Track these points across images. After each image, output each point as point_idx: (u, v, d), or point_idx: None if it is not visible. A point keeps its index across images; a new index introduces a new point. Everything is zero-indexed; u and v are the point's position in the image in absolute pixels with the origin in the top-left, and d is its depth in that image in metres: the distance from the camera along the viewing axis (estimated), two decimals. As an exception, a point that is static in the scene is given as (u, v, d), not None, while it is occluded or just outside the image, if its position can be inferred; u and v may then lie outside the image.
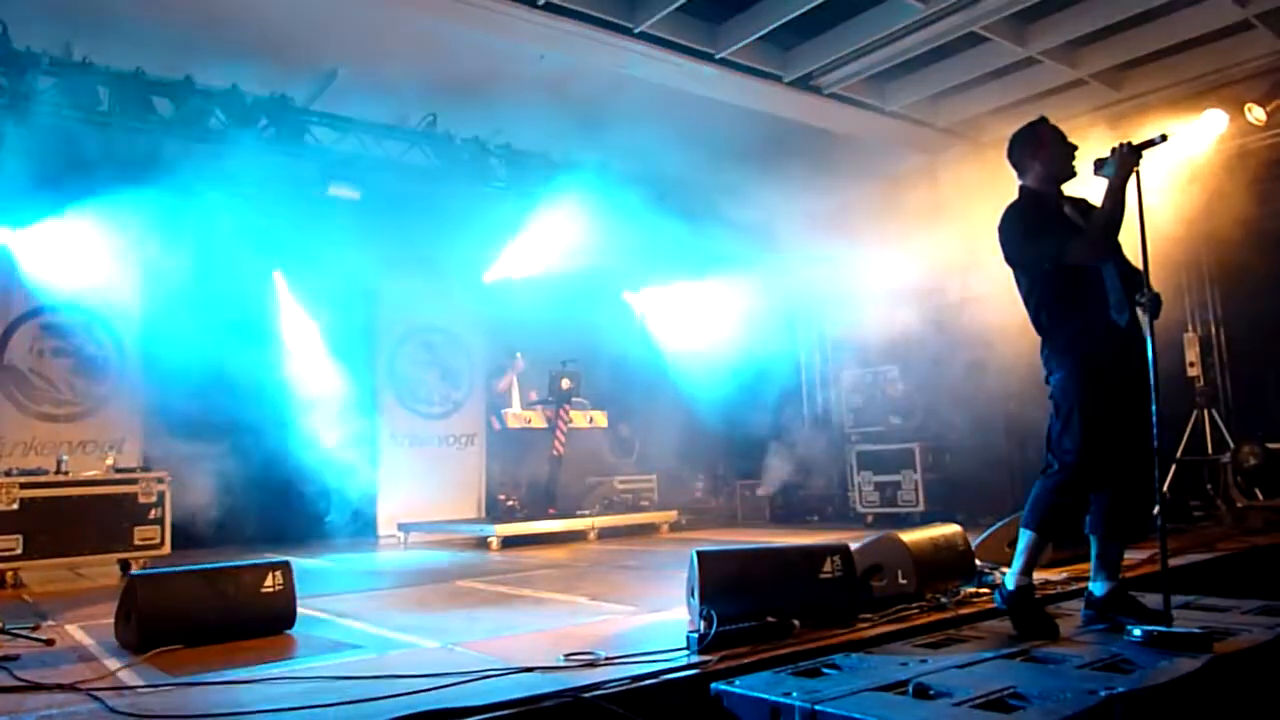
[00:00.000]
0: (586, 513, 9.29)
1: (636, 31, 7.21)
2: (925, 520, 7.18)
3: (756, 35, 7.44)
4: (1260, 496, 7.52)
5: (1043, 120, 3.86)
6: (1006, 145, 3.90)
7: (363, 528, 9.84)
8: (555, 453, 9.26)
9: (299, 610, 4.33)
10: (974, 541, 4.90)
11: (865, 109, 8.83)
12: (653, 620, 4.28)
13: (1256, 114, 8.00)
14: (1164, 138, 3.48)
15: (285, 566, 4.27)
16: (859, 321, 10.04)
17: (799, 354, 11.90)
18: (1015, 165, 3.88)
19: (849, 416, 10.30)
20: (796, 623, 3.58)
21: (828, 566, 3.76)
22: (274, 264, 9.70)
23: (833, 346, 11.59)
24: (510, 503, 9.19)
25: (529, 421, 9.32)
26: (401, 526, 9.28)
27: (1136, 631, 3.30)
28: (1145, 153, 3.45)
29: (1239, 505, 7.55)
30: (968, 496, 8.86)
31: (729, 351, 10.47)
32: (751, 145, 8.54)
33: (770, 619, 3.52)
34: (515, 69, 7.55)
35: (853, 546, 4.15)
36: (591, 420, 9.60)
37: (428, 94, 8.13)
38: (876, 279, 9.19)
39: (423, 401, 10.66)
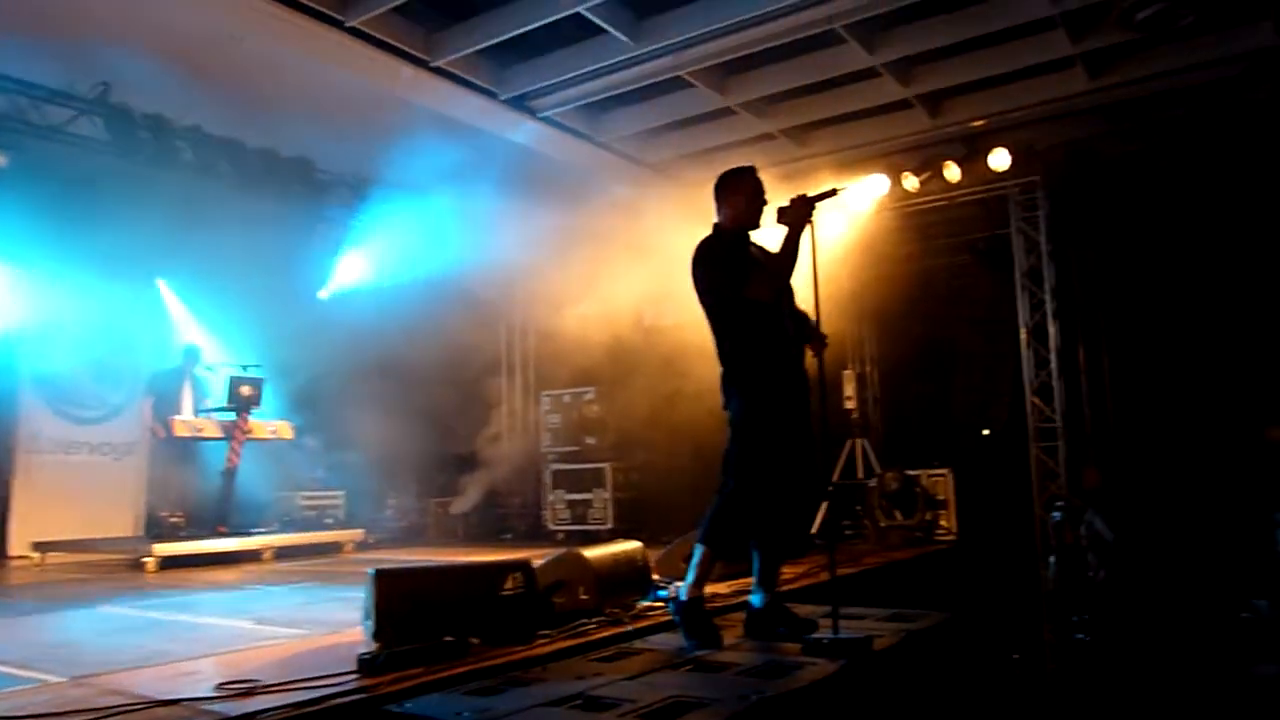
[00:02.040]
0: (261, 531, 8.64)
1: (347, 26, 6.90)
2: (613, 537, 7.41)
3: (473, 49, 7.40)
4: (899, 517, 8.51)
5: (751, 169, 4.15)
6: (715, 181, 4.16)
7: (-9, 547, 8.49)
8: (229, 465, 8.53)
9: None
10: (655, 557, 5.11)
11: (578, 137, 9.05)
12: (325, 644, 4.03)
13: (911, 182, 9.14)
14: (835, 191, 3.89)
15: None
16: (560, 343, 10.22)
17: (502, 372, 11.91)
18: (717, 201, 4.14)
19: (546, 436, 10.43)
20: (475, 641, 3.52)
21: (509, 584, 3.74)
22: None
23: (535, 366, 11.72)
24: (174, 520, 8.32)
25: (201, 430, 8.51)
26: (37, 545, 8.10)
27: (810, 638, 3.58)
28: (819, 204, 3.83)
29: (882, 525, 8.50)
30: (654, 515, 9.26)
31: (432, 366, 10.25)
32: (462, 158, 8.46)
33: (448, 638, 3.43)
34: (210, 48, 6.95)
35: (538, 563, 4.18)
36: (274, 431, 8.94)
37: (105, 62, 7.26)
38: (579, 303, 9.40)
39: (73, 404, 9.40)
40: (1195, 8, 6.70)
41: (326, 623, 4.61)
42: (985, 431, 11.58)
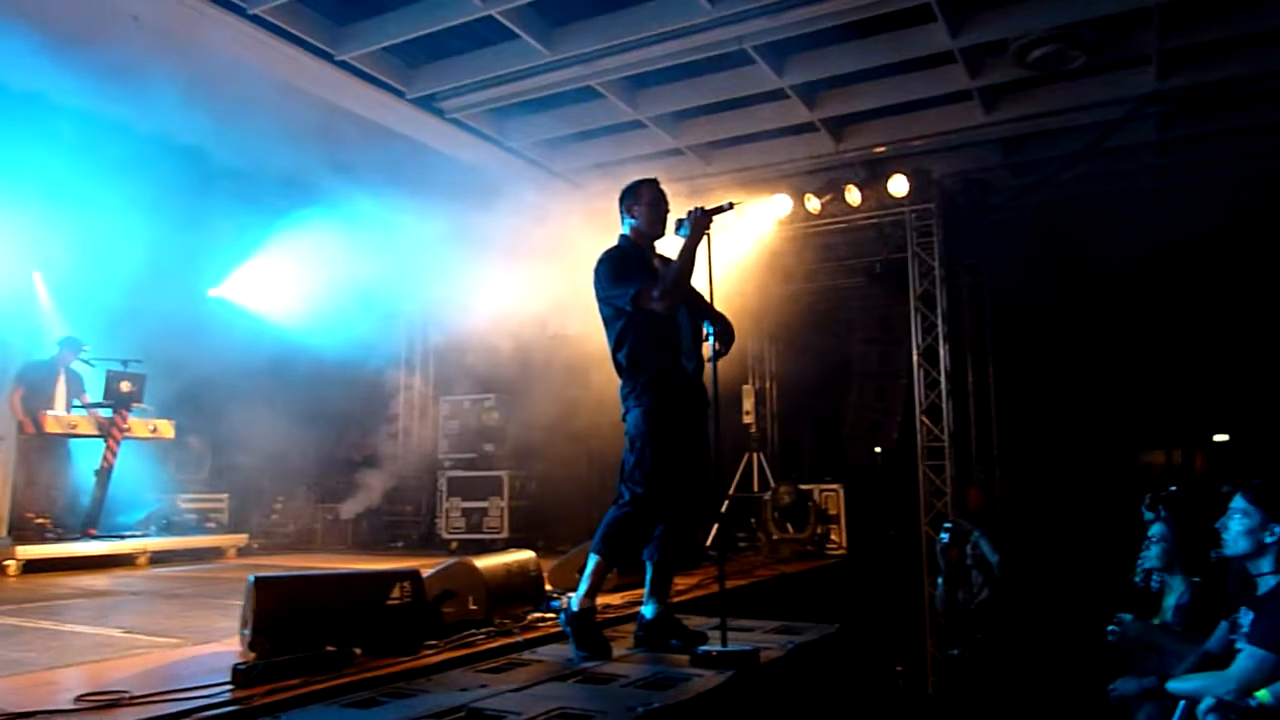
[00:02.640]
0: (136, 534, 8.24)
1: (250, 13, 6.67)
2: (508, 547, 7.33)
3: (380, 45, 7.25)
4: (791, 530, 8.66)
5: (654, 180, 4.20)
6: (620, 192, 4.19)
7: None
8: (105, 464, 8.11)
9: None
10: (549, 568, 5.08)
11: (486, 140, 8.95)
12: (199, 653, 3.88)
13: (814, 204, 9.34)
14: (731, 205, 3.96)
15: None
16: (463, 349, 10.09)
17: (400, 376, 11.68)
18: (621, 212, 4.17)
19: (444, 442, 10.26)
20: (358, 651, 3.43)
21: (396, 593, 3.66)
22: None
23: (435, 371, 11.52)
24: (40, 521, 7.86)
25: (74, 427, 8.07)
26: (-120, 547, 7.52)
27: (698, 651, 3.59)
28: (716, 218, 3.90)
29: (774, 538, 8.63)
30: (551, 524, 9.21)
31: (327, 368, 9.97)
32: (367, 155, 8.27)
33: (329, 648, 3.33)
34: (104, 28, 6.63)
35: (427, 572, 4.10)
36: (155, 430, 8.53)
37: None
38: (483, 308, 9.30)
39: (-68, 396, 8.77)
40: (1085, 50, 7.05)
41: (201, 632, 4.44)
42: (877, 449, 11.92)
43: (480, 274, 9.06)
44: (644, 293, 3.84)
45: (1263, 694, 2.75)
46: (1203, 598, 3.68)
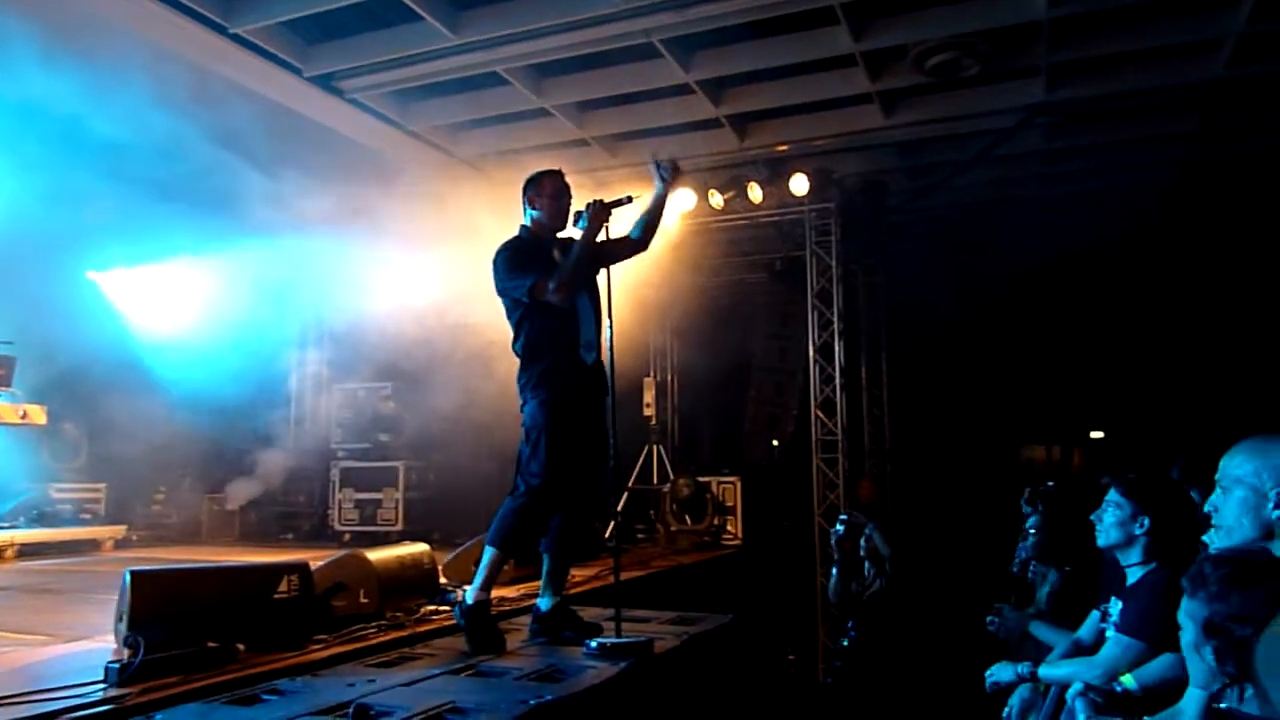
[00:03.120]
0: (4, 525, 7.79)
1: (135, -20, 6.35)
2: (403, 539, 7.19)
3: (276, 20, 6.99)
4: (689, 522, 8.76)
5: (558, 172, 4.17)
6: (524, 183, 4.15)
7: None
8: (-31, 452, 7.65)
9: None
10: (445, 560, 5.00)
11: (387, 123, 8.74)
12: (70, 650, 3.70)
13: (717, 200, 9.42)
14: (630, 199, 3.98)
15: None
16: (358, 335, 9.83)
17: (293, 364, 11.30)
18: (524, 202, 4.13)
19: (337, 431, 9.98)
20: (241, 647, 3.31)
21: (284, 586, 3.55)
22: None
23: (330, 358, 11.20)
24: (-106, 512, 7.38)
25: (-65, 412, 7.60)
26: None
27: (593, 643, 3.59)
28: (615, 211, 3.92)
29: (672, 529, 8.72)
30: (449, 516, 9.05)
31: (213, 354, 9.58)
32: (261, 130, 7.96)
33: (211, 644, 3.21)
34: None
35: (317, 565, 3.99)
36: (25, 415, 8.08)
37: None
38: (381, 295, 9.08)
39: None
40: (980, 60, 7.30)
41: (73, 628, 4.24)
42: (775, 442, 12.15)
43: (379, 259, 8.84)
44: (540, 284, 3.81)
45: (1127, 679, 2.90)
46: (1073, 586, 3.86)
